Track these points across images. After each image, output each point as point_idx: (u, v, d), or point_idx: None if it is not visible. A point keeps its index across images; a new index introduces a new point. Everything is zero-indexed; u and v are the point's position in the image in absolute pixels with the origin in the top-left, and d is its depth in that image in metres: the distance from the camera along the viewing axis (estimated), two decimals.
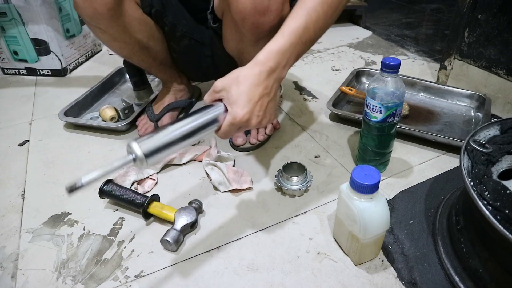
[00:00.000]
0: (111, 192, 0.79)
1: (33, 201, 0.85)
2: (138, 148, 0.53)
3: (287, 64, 0.65)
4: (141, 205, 0.76)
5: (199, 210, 0.77)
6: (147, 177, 0.87)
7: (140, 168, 0.57)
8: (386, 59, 0.75)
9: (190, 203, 0.77)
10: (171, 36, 0.97)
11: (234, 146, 0.97)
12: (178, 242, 0.71)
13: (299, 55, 0.67)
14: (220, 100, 0.62)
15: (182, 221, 0.72)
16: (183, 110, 1.12)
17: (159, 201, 0.80)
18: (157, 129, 0.58)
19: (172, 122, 0.59)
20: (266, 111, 0.64)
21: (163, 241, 0.70)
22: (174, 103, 1.07)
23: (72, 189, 0.50)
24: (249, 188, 0.84)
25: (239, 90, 0.60)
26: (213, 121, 0.61)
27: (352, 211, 0.61)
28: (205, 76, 1.13)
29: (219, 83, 0.62)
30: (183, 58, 1.03)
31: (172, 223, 0.73)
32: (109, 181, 0.81)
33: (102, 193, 0.80)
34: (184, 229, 0.72)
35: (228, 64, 1.00)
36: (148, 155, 0.54)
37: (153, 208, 0.76)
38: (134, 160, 0.54)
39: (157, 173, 0.89)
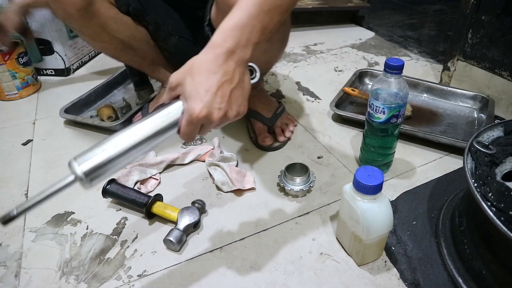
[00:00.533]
0: (114, 191, 0.80)
1: None
2: (77, 167, 0.46)
3: (250, 41, 0.54)
4: (144, 205, 0.76)
5: (202, 210, 0.77)
6: (150, 177, 0.87)
7: (86, 188, 0.48)
8: (389, 59, 0.75)
9: (193, 203, 0.77)
10: (157, 36, 0.96)
11: (263, 148, 0.96)
12: (181, 242, 0.71)
13: (264, 28, 0.56)
14: (179, 97, 0.54)
15: (185, 221, 0.73)
16: None
17: (162, 201, 0.80)
18: (101, 141, 0.50)
19: (121, 131, 0.51)
20: (231, 102, 0.54)
21: (166, 241, 0.71)
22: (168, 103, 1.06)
23: (6, 220, 0.46)
24: (252, 189, 0.84)
25: (193, 81, 0.52)
26: (171, 124, 0.53)
27: (355, 212, 0.61)
28: None
29: (174, 77, 0.53)
30: (175, 58, 1.03)
31: (175, 223, 0.73)
32: (112, 181, 0.81)
33: (105, 192, 0.80)
34: (187, 229, 0.72)
35: None
36: (90, 173, 0.46)
37: (156, 208, 0.76)
38: (75, 180, 0.47)
39: (160, 173, 0.90)
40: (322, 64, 1.47)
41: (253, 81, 0.59)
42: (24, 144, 1.06)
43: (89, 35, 0.89)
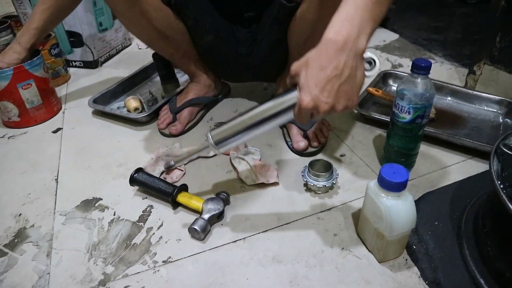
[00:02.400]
0: (141, 180, 0.82)
1: (66, 186, 0.89)
2: (210, 138, 0.64)
3: (362, 32, 0.55)
4: (170, 194, 0.78)
5: (226, 201, 0.79)
6: (176, 168, 0.89)
7: (216, 153, 0.67)
8: (417, 60, 0.75)
9: (217, 194, 0.79)
10: (194, 31, 0.98)
11: (298, 152, 0.95)
12: (205, 231, 0.73)
13: (375, 17, 0.57)
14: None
15: (210, 211, 0.74)
16: (206, 107, 1.14)
17: (187, 191, 0.82)
18: (231, 119, 0.64)
19: (246, 111, 0.63)
20: (339, 96, 0.56)
21: (191, 229, 0.72)
22: (196, 99, 1.09)
23: (168, 167, 0.78)
24: (275, 183, 0.85)
25: (306, 74, 0.56)
26: (287, 109, 0.60)
27: (379, 208, 0.62)
28: (232, 75, 1.14)
29: (293, 66, 0.58)
30: (208, 55, 1.05)
31: (200, 213, 0.75)
32: (139, 170, 0.83)
33: (133, 181, 0.83)
34: (211, 219, 0.74)
35: (265, 64, 1.00)
36: (218, 143, 0.64)
37: (182, 198, 0.79)
38: (209, 146, 0.65)
39: (185, 164, 0.92)
40: None
41: (369, 73, 0.60)
42: (54, 132, 1.10)
43: (129, 19, 0.92)
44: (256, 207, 0.80)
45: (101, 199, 0.84)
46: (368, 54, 0.60)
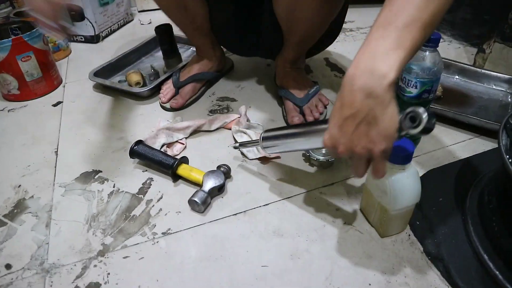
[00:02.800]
0: (141, 152, 0.81)
1: (66, 158, 0.88)
2: (261, 138, 0.70)
3: (383, 63, 0.46)
4: (170, 167, 0.77)
5: (227, 174, 0.77)
6: (177, 141, 0.88)
7: (264, 150, 0.73)
8: None
9: (218, 167, 0.78)
10: (214, 4, 0.97)
11: None
12: (205, 204, 0.72)
13: (404, 44, 0.46)
14: None
15: (210, 183, 0.73)
16: (208, 82, 1.12)
17: (188, 164, 0.81)
18: (278, 127, 0.71)
19: (291, 126, 0.73)
20: (356, 137, 0.49)
21: (190, 202, 0.71)
22: (200, 74, 1.07)
23: (235, 148, 0.81)
24: (277, 157, 0.84)
25: (331, 112, 0.52)
26: (315, 135, 0.60)
27: (383, 181, 0.60)
28: (242, 49, 1.12)
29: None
30: (222, 29, 1.03)
31: (200, 185, 0.74)
32: (139, 142, 0.82)
33: (133, 153, 0.81)
34: (212, 192, 0.73)
35: (268, 40, 1.00)
36: (263, 141, 0.70)
37: (182, 170, 0.77)
38: (259, 143, 0.72)
39: (186, 138, 0.90)
40: (351, 42, 1.44)
41: (411, 131, 0.49)
42: (55, 105, 1.08)
43: None
44: (258, 181, 0.79)
45: (101, 171, 0.83)
46: (414, 108, 0.49)
